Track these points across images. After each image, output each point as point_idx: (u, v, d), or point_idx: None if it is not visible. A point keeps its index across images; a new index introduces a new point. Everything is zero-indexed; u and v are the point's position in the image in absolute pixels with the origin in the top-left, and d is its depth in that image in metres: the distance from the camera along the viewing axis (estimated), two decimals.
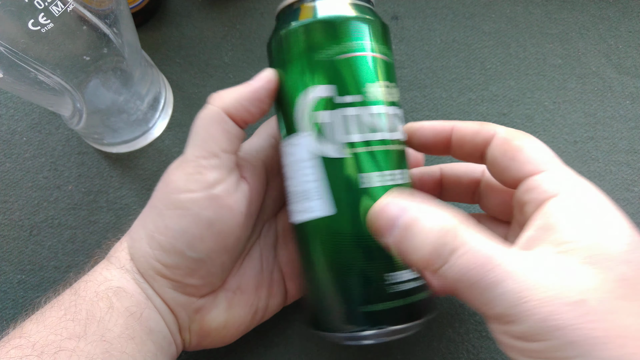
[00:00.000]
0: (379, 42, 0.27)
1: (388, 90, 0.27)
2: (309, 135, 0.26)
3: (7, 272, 0.37)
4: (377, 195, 0.26)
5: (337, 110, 0.26)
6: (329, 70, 0.26)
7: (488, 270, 0.20)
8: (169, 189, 0.27)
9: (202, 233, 0.27)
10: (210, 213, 0.27)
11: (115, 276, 0.27)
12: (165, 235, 0.27)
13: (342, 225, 0.26)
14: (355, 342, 0.27)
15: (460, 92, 0.41)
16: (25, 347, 0.24)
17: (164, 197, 0.27)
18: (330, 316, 0.27)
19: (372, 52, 0.27)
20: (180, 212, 0.27)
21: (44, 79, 0.28)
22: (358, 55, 0.26)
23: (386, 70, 0.28)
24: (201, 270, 0.28)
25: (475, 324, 0.35)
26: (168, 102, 0.40)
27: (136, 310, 0.26)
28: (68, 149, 0.39)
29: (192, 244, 0.27)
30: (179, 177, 0.27)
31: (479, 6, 0.43)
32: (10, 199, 0.38)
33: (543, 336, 0.19)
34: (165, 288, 0.27)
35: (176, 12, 0.43)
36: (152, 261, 0.27)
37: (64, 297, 0.26)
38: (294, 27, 0.27)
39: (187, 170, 0.27)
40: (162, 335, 0.27)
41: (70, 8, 0.26)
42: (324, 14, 0.27)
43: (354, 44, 0.26)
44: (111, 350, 0.24)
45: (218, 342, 0.30)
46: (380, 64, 0.27)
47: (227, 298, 0.30)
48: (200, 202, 0.27)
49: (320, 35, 0.26)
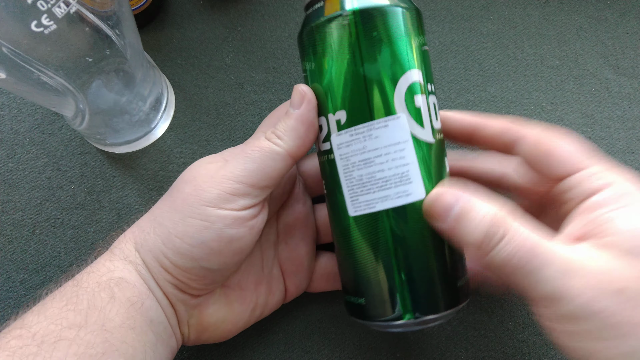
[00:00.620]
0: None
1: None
2: (405, 117, 0.27)
3: (10, 271, 0.37)
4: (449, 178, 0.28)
5: (429, 96, 0.28)
6: (420, 57, 0.28)
7: (535, 255, 0.22)
8: (198, 198, 0.27)
9: (221, 248, 0.27)
10: (234, 231, 0.27)
11: (118, 267, 0.27)
12: (183, 241, 0.27)
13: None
14: (444, 319, 0.28)
15: (459, 94, 0.41)
16: (25, 337, 0.24)
17: (191, 203, 0.27)
18: (428, 297, 0.27)
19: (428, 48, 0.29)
20: (205, 224, 0.27)
21: (46, 80, 0.29)
22: (427, 49, 0.29)
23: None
24: (207, 279, 0.28)
25: (474, 322, 0.35)
26: (170, 103, 0.40)
27: (137, 301, 0.26)
28: (70, 149, 0.40)
29: (209, 256, 0.27)
30: (212, 189, 0.27)
31: (477, 8, 0.43)
32: (13, 198, 0.38)
33: (585, 319, 0.21)
34: (167, 282, 0.28)
35: (178, 13, 0.43)
36: (162, 257, 0.27)
37: (66, 288, 0.26)
38: (388, 8, 0.27)
39: (222, 187, 0.27)
40: (163, 326, 0.27)
41: (73, 10, 0.26)
42: (408, 5, 0.28)
43: (425, 39, 0.29)
44: (111, 340, 0.24)
45: (217, 337, 0.31)
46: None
47: (226, 294, 0.30)
48: (227, 220, 0.27)
49: (414, 24, 0.28)
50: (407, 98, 0.27)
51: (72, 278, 0.28)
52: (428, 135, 0.27)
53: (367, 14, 0.27)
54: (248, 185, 0.27)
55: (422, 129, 0.27)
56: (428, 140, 0.27)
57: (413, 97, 0.27)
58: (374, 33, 0.26)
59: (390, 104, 0.26)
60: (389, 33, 0.27)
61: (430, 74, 0.29)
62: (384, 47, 0.27)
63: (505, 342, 0.35)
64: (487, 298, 0.36)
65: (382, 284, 0.27)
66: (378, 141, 0.26)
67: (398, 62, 0.27)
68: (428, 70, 0.28)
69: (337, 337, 0.35)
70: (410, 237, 0.27)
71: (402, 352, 0.35)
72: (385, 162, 0.26)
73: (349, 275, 0.29)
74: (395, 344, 0.35)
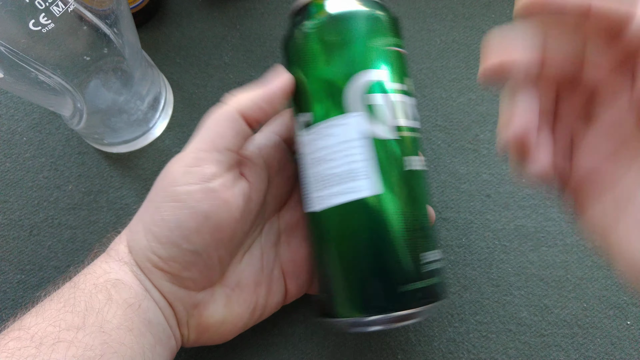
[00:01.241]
0: (403, 41, 0.30)
1: (411, 83, 0.30)
2: (360, 115, 0.27)
3: (7, 272, 0.37)
4: (417, 177, 0.28)
5: (389, 94, 0.28)
6: (381, 57, 0.28)
7: None
8: (166, 181, 0.28)
9: (198, 226, 0.27)
10: (206, 206, 0.27)
11: (113, 269, 0.27)
12: (161, 228, 0.27)
13: (388, 204, 0.27)
14: (386, 325, 0.27)
15: (460, 92, 0.41)
16: (24, 338, 0.24)
17: (161, 189, 0.28)
18: (368, 299, 0.27)
19: (403, 50, 0.30)
20: (176, 204, 0.27)
21: (44, 79, 0.28)
22: (399, 50, 0.29)
23: (407, 66, 0.30)
24: (198, 264, 0.28)
25: (475, 323, 0.35)
26: (168, 102, 0.40)
27: (134, 302, 0.26)
28: (68, 149, 0.39)
29: (188, 237, 0.27)
30: (177, 169, 0.27)
31: (478, 6, 0.43)
32: (10, 198, 0.38)
33: None
34: (162, 281, 0.28)
35: (176, 12, 0.43)
36: (149, 254, 0.27)
37: (63, 290, 0.26)
38: (350, 13, 0.28)
39: (185, 162, 0.27)
40: (162, 327, 0.27)
41: (70, 8, 0.26)
42: (373, 9, 0.29)
43: (397, 40, 0.30)
44: (109, 342, 0.24)
45: (216, 338, 0.30)
46: (406, 61, 0.30)
47: (225, 294, 0.30)
48: (197, 194, 0.27)
49: (374, 26, 0.29)
50: (363, 97, 0.27)
51: (69, 280, 0.28)
52: (388, 133, 0.27)
53: (326, 22, 0.28)
54: (206, 151, 0.27)
55: (382, 126, 0.27)
56: (388, 137, 0.27)
57: (371, 96, 0.27)
58: (331, 38, 0.28)
59: (344, 103, 0.27)
60: (345, 37, 0.28)
61: (401, 74, 0.29)
62: (340, 50, 0.28)
63: (508, 344, 0.34)
64: (488, 299, 0.35)
65: (331, 281, 0.28)
66: (331, 139, 0.28)
67: (353, 63, 0.28)
68: (397, 69, 0.29)
69: (337, 339, 0.35)
70: (357, 235, 0.27)
71: (403, 354, 0.34)
72: (337, 159, 0.27)
73: (313, 271, 0.30)
74: (396, 346, 0.35)
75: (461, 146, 0.39)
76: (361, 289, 0.27)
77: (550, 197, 0.38)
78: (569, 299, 0.35)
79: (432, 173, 0.39)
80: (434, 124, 0.40)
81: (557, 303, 0.35)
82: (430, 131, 0.40)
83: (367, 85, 0.27)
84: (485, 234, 0.37)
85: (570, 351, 0.34)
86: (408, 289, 0.27)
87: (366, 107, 0.27)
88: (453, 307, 0.35)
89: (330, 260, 0.28)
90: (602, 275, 0.36)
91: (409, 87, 0.29)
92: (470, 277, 0.36)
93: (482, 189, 0.38)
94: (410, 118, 0.29)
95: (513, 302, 0.35)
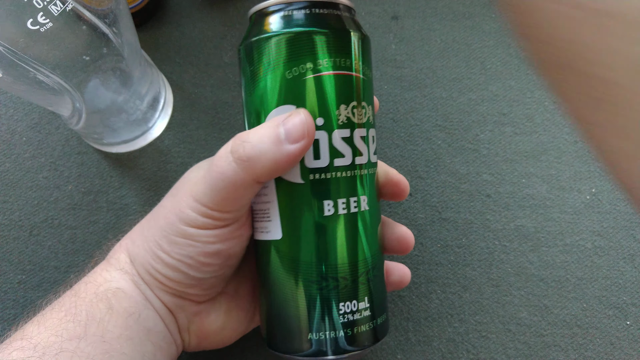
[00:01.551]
0: (352, 58, 0.25)
1: (359, 111, 0.26)
2: None
3: (7, 273, 0.37)
4: (334, 224, 0.25)
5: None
6: (293, 90, 0.24)
7: None
8: (177, 218, 0.26)
9: (208, 260, 0.26)
10: (219, 245, 0.26)
11: (114, 277, 0.27)
12: (170, 256, 0.26)
13: (289, 251, 0.25)
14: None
15: (461, 92, 0.41)
16: (27, 348, 0.24)
17: (172, 223, 0.26)
18: (278, 337, 0.27)
19: (343, 71, 0.25)
20: (188, 242, 0.26)
21: (43, 79, 0.28)
22: (325, 74, 0.25)
23: (360, 88, 0.26)
24: (203, 285, 0.28)
25: (475, 324, 0.35)
26: (168, 102, 0.40)
27: (135, 311, 0.26)
28: (68, 149, 0.39)
29: (198, 268, 0.26)
30: (190, 213, 0.26)
31: (479, 6, 0.43)
32: (10, 199, 0.38)
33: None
34: (163, 292, 0.28)
35: (176, 11, 0.43)
36: (153, 271, 0.27)
37: (64, 299, 0.27)
38: (261, 38, 0.25)
39: (198, 211, 0.25)
40: (162, 335, 0.27)
41: (69, 7, 0.26)
42: (290, 27, 0.25)
43: (321, 62, 0.24)
44: (111, 351, 0.25)
45: (217, 343, 0.30)
46: (351, 83, 0.25)
47: (226, 302, 0.30)
48: (210, 238, 0.26)
49: (285, 51, 0.24)
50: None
51: (70, 288, 0.28)
52: (296, 177, 0.25)
53: (245, 49, 0.26)
54: (216, 211, 0.25)
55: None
56: (296, 181, 0.25)
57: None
58: (250, 67, 0.26)
59: None
60: (257, 67, 0.25)
61: (324, 106, 0.25)
62: (257, 82, 0.25)
63: (507, 344, 0.34)
64: (488, 299, 0.35)
65: (261, 310, 0.28)
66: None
67: (264, 98, 0.25)
68: (321, 100, 0.24)
69: None
70: (271, 273, 0.26)
71: (403, 354, 0.34)
72: (259, 196, 0.26)
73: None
74: (396, 346, 0.35)
75: (461, 146, 0.39)
76: (273, 325, 0.27)
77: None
78: (568, 299, 0.35)
79: (432, 173, 0.39)
80: (434, 124, 0.40)
81: (556, 303, 0.35)
82: (430, 131, 0.40)
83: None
84: (485, 234, 0.37)
85: (569, 351, 0.34)
86: (315, 338, 0.25)
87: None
88: (453, 307, 0.35)
89: (261, 290, 0.28)
90: (601, 276, 0.36)
91: (342, 118, 0.25)
92: (470, 277, 0.36)
93: (482, 189, 0.38)
94: (340, 155, 0.25)
95: (513, 303, 0.35)
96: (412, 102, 0.41)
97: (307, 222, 0.25)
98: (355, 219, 0.26)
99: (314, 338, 0.25)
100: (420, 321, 0.35)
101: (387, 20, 0.43)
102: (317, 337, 0.25)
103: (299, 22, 0.25)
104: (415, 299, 0.36)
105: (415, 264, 0.37)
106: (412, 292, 0.36)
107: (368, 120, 0.26)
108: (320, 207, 0.25)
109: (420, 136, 0.39)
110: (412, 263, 0.36)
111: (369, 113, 0.26)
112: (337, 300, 0.25)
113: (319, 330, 0.25)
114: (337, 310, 0.25)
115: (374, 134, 0.27)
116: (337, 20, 0.25)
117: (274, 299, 0.26)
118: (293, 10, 0.25)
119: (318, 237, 0.25)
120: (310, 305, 0.25)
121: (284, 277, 0.26)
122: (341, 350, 0.26)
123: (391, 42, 0.42)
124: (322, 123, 0.25)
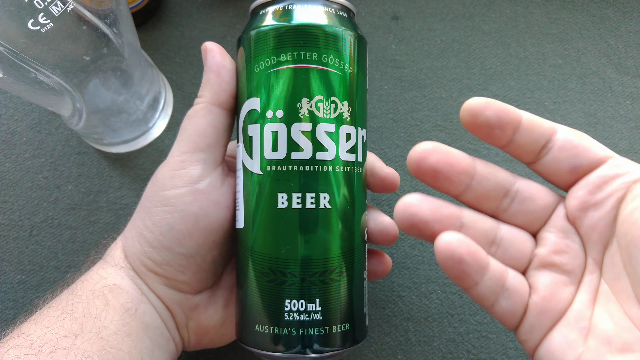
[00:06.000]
0: (320, 52, 0.25)
1: (326, 105, 0.25)
2: (240, 146, 0.27)
3: (7, 272, 0.37)
4: (287, 218, 0.25)
5: (265, 125, 0.26)
6: (259, 83, 0.26)
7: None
8: (155, 186, 0.28)
9: (189, 229, 0.27)
10: (196, 209, 0.27)
11: (110, 274, 0.27)
12: (153, 232, 0.27)
13: (248, 241, 0.26)
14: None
15: (461, 92, 0.41)
16: (23, 346, 0.24)
17: (151, 194, 0.28)
18: (237, 325, 0.28)
19: (306, 64, 0.25)
20: (166, 208, 0.27)
21: (43, 79, 0.28)
22: (285, 68, 0.25)
23: (331, 83, 0.26)
24: (192, 267, 0.28)
25: (475, 324, 0.35)
26: (168, 102, 0.40)
27: (131, 307, 0.26)
28: (68, 149, 0.39)
29: (180, 241, 0.27)
30: (164, 173, 0.27)
31: (479, 6, 0.43)
32: (10, 199, 0.38)
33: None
34: (158, 285, 0.28)
35: (176, 12, 0.43)
36: (143, 258, 0.27)
37: (61, 297, 0.27)
38: (246, 34, 0.27)
39: (171, 166, 0.27)
40: (159, 331, 0.27)
41: (70, 8, 0.26)
42: (266, 23, 0.26)
43: (284, 56, 0.25)
44: (107, 348, 0.24)
45: (217, 341, 0.30)
46: (317, 77, 0.25)
47: (223, 296, 0.30)
48: (185, 197, 0.27)
49: (257, 45, 0.26)
50: (244, 127, 0.27)
51: (67, 287, 0.28)
52: (255, 167, 0.26)
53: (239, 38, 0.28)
54: (190, 152, 0.27)
55: (250, 159, 0.26)
56: (255, 172, 0.26)
57: (247, 126, 0.26)
58: (239, 60, 0.28)
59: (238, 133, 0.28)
60: (241, 63, 0.27)
61: (284, 98, 0.25)
62: (239, 76, 0.28)
63: (507, 344, 0.34)
64: None
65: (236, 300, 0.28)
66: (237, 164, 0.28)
67: (241, 91, 0.27)
68: (277, 94, 0.25)
69: None
70: (237, 262, 0.28)
71: (403, 354, 0.34)
72: (237, 185, 0.28)
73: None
74: (396, 346, 0.35)
75: (461, 146, 0.39)
76: (239, 314, 0.27)
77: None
78: None
79: None
80: (434, 124, 0.40)
81: None
82: (430, 131, 0.40)
83: (249, 114, 0.26)
84: None
85: None
86: (261, 330, 0.26)
87: (244, 138, 0.27)
88: (453, 307, 0.35)
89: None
90: None
91: (311, 111, 0.25)
92: None
93: None
94: (302, 149, 0.25)
95: None
96: (412, 102, 0.41)
97: (262, 213, 0.26)
98: (312, 216, 0.25)
99: (259, 330, 0.26)
100: (421, 321, 0.35)
101: (387, 20, 0.43)
102: (262, 330, 0.26)
103: (272, 18, 0.26)
104: (415, 299, 0.36)
105: (415, 264, 0.37)
106: (412, 292, 0.36)
107: (340, 116, 0.26)
108: (274, 199, 0.25)
109: (420, 136, 0.39)
110: (412, 263, 0.37)
111: (344, 109, 0.26)
112: (283, 296, 0.25)
113: (263, 323, 0.26)
114: (284, 307, 0.25)
115: (352, 131, 0.26)
116: (306, 14, 0.26)
117: (237, 288, 0.28)
118: (267, 7, 0.27)
119: (270, 230, 0.26)
120: (261, 297, 0.26)
121: (243, 266, 0.27)
122: (281, 348, 0.25)
123: (391, 42, 0.42)
124: (281, 115, 0.25)
